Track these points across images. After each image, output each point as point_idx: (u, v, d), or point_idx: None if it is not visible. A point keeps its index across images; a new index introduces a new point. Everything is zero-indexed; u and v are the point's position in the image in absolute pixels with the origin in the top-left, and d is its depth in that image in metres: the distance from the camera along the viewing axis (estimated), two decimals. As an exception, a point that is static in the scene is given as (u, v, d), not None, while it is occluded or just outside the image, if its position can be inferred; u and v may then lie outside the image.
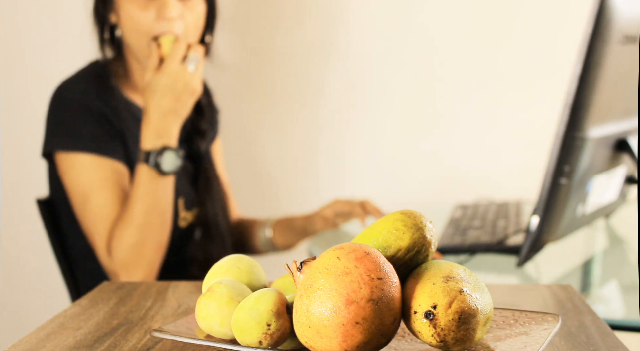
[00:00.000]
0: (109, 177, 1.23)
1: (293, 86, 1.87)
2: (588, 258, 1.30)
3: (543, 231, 1.06)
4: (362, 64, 1.84)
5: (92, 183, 1.22)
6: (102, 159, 1.23)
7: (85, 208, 1.22)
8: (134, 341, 0.66)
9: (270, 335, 0.57)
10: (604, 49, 1.00)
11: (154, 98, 1.20)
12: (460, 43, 1.82)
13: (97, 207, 1.22)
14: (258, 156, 1.87)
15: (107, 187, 1.23)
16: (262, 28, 1.82)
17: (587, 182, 1.13)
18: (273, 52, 1.86)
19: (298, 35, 1.84)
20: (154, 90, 1.20)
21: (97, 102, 1.25)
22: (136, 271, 1.21)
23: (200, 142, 1.41)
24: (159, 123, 1.21)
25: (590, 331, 0.66)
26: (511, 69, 1.81)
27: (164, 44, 1.23)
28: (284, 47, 1.85)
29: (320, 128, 1.87)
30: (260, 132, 1.88)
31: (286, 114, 1.87)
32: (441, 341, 0.54)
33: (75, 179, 1.23)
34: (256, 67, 1.87)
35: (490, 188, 1.77)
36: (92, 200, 1.22)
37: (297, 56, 1.85)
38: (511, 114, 1.82)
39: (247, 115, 1.87)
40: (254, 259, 0.69)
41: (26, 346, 0.65)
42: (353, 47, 1.84)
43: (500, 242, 1.19)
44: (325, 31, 1.84)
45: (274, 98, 1.88)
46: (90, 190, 1.22)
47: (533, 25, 1.79)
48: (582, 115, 1.02)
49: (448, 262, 0.58)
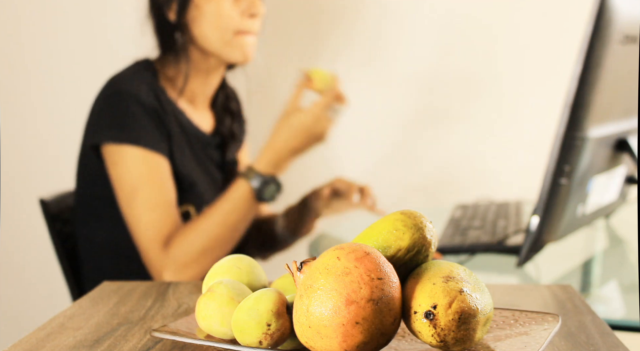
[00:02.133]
0: (158, 171, 1.23)
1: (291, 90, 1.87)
2: (588, 258, 1.30)
3: (543, 231, 1.06)
4: (362, 63, 1.84)
5: (142, 176, 1.22)
6: (152, 154, 1.23)
7: (134, 201, 1.22)
8: (134, 341, 0.66)
9: (270, 335, 0.57)
10: (604, 49, 1.00)
11: (289, 132, 1.22)
12: (460, 43, 1.82)
13: (148, 201, 1.21)
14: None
15: (157, 181, 1.22)
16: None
17: (587, 182, 1.13)
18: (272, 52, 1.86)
19: (294, 32, 1.84)
20: (292, 125, 1.23)
21: (150, 98, 1.25)
22: (186, 274, 1.22)
23: (234, 147, 1.43)
24: (280, 155, 1.23)
25: (590, 331, 0.66)
26: (511, 69, 1.81)
27: (316, 78, 1.24)
28: (285, 46, 1.85)
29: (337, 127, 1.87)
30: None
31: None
32: (441, 341, 0.54)
33: (125, 172, 1.22)
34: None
35: (490, 188, 1.77)
36: (141, 194, 1.21)
37: (296, 55, 1.85)
38: (511, 114, 1.82)
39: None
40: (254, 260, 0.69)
41: (26, 346, 0.65)
42: (352, 48, 1.84)
43: (500, 242, 1.19)
44: (322, 31, 1.84)
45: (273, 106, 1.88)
46: (140, 183, 1.21)
47: (533, 25, 1.79)
48: (582, 115, 1.02)
49: (448, 262, 0.58)
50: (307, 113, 1.22)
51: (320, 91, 1.24)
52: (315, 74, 1.24)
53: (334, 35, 1.84)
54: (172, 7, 1.27)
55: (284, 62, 1.85)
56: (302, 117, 1.22)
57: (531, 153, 1.74)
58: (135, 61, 1.33)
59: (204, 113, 1.39)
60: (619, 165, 1.26)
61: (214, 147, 1.39)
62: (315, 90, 1.24)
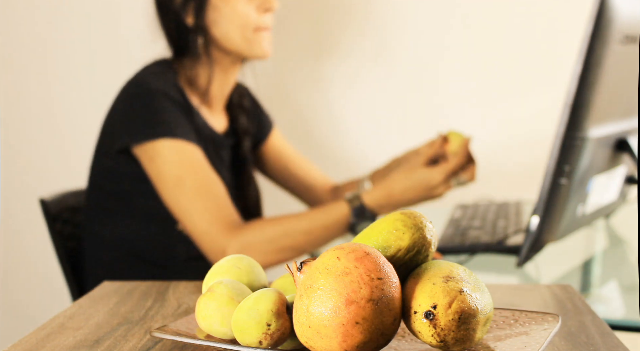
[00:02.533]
0: (198, 159, 1.23)
1: (302, 86, 1.87)
2: (588, 258, 1.30)
3: (543, 231, 1.06)
4: (362, 63, 1.84)
5: (184, 166, 1.22)
6: (187, 143, 1.23)
7: (181, 190, 1.21)
8: (134, 341, 0.66)
9: (270, 335, 0.57)
10: (604, 49, 1.00)
11: (410, 184, 1.23)
12: (460, 43, 1.82)
13: (197, 188, 1.21)
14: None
15: (200, 169, 1.22)
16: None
17: (587, 182, 1.13)
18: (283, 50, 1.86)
19: (303, 33, 1.84)
20: (415, 180, 1.23)
21: (176, 94, 1.26)
22: (249, 255, 1.21)
23: (247, 141, 1.44)
24: (392, 200, 1.23)
25: (590, 331, 0.66)
26: (511, 69, 1.81)
27: (453, 140, 1.25)
28: (295, 46, 1.85)
29: (320, 127, 1.87)
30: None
31: (291, 113, 1.88)
32: (441, 341, 0.54)
33: (166, 165, 1.22)
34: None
35: (490, 188, 1.77)
36: (187, 182, 1.21)
37: (302, 55, 1.85)
38: (511, 114, 1.82)
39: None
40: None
41: (26, 346, 0.65)
42: (353, 49, 1.84)
43: (500, 242, 1.19)
44: (330, 27, 1.84)
45: (282, 99, 1.88)
46: (183, 173, 1.21)
47: (533, 25, 1.79)
48: (582, 115, 1.02)
49: (448, 262, 0.58)
50: (434, 175, 1.23)
51: (454, 154, 1.26)
52: (452, 136, 1.27)
53: (342, 32, 1.84)
54: (189, 12, 1.28)
55: (290, 58, 1.85)
56: (429, 176, 1.23)
57: (531, 153, 1.74)
58: (155, 61, 1.33)
59: (219, 114, 1.40)
60: (619, 165, 1.26)
61: (227, 148, 1.39)
62: (449, 152, 1.27)
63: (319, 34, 1.85)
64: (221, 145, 1.37)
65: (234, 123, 1.42)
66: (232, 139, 1.41)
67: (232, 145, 1.42)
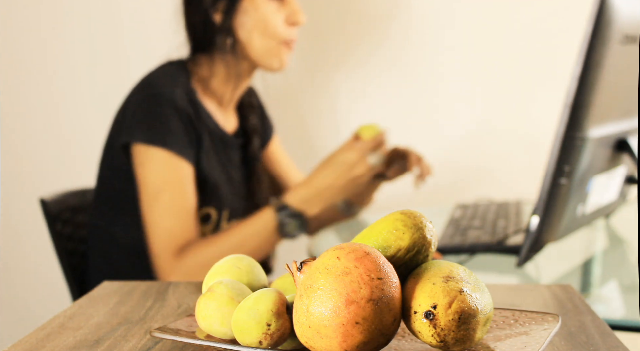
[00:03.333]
0: (182, 177, 1.24)
1: (308, 94, 1.87)
2: (588, 258, 1.30)
3: (543, 231, 1.06)
4: (363, 63, 1.84)
5: (167, 180, 1.23)
6: (179, 159, 1.24)
7: (155, 204, 1.23)
8: (134, 341, 0.66)
9: (270, 335, 0.57)
10: (604, 49, 1.00)
11: (327, 168, 1.24)
12: (460, 43, 1.82)
13: (169, 206, 1.22)
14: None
15: (180, 187, 1.23)
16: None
17: (587, 182, 1.13)
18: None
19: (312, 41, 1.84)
20: (331, 161, 1.24)
21: (184, 102, 1.26)
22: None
23: (257, 140, 1.44)
24: (315, 191, 1.23)
25: (590, 331, 0.66)
26: (511, 69, 1.81)
27: (364, 133, 1.26)
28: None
29: (320, 127, 1.87)
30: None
31: (296, 120, 1.88)
32: (441, 341, 0.54)
33: (150, 173, 1.23)
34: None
35: (490, 188, 1.77)
36: (164, 197, 1.22)
37: (310, 59, 1.86)
38: (511, 114, 1.82)
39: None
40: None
41: (26, 346, 0.65)
42: (361, 60, 1.84)
43: (500, 242, 1.19)
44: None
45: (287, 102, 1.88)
46: (164, 186, 1.22)
47: (533, 25, 1.79)
48: (582, 115, 1.02)
49: (448, 262, 0.58)
50: (348, 152, 1.23)
51: (364, 138, 1.27)
52: (363, 129, 1.28)
53: (351, 42, 1.84)
54: (219, 9, 1.27)
55: (299, 66, 1.86)
56: (342, 154, 1.23)
57: (531, 153, 1.74)
58: (169, 61, 1.34)
59: (229, 114, 1.40)
60: (619, 165, 1.26)
61: (236, 148, 1.39)
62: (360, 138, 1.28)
63: (328, 44, 1.85)
64: (231, 145, 1.37)
65: (243, 123, 1.43)
66: (241, 139, 1.41)
67: (242, 145, 1.42)
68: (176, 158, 1.23)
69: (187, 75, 1.30)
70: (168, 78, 1.28)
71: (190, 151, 1.26)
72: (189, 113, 1.25)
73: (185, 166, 1.24)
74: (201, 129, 1.28)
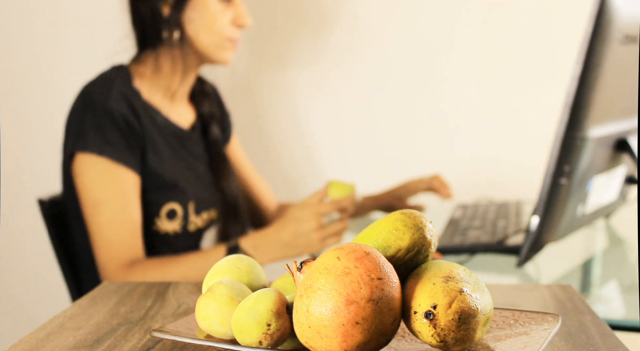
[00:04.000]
0: (122, 186, 1.23)
1: (299, 90, 1.87)
2: (588, 258, 1.30)
3: (543, 231, 1.06)
4: (363, 63, 1.84)
5: (106, 190, 1.22)
6: (118, 167, 1.23)
7: (96, 213, 1.22)
8: (134, 341, 0.66)
9: (270, 335, 0.57)
10: (604, 49, 1.00)
11: (281, 223, 1.24)
12: (460, 43, 1.82)
13: (111, 218, 1.22)
14: (263, 149, 1.87)
15: (121, 197, 1.23)
16: (263, 32, 1.82)
17: (587, 182, 1.13)
18: (278, 55, 1.86)
19: (300, 37, 1.84)
20: (286, 218, 1.24)
21: (121, 107, 1.25)
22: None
23: (215, 126, 1.45)
24: (265, 241, 1.23)
25: (590, 331, 0.66)
26: (511, 69, 1.81)
27: (332, 190, 1.27)
28: (293, 50, 1.85)
29: (320, 127, 1.88)
30: (267, 128, 1.88)
31: (291, 115, 1.88)
32: (441, 341, 0.54)
33: (89, 183, 1.23)
34: (259, 67, 1.87)
35: (490, 188, 1.77)
36: (104, 208, 1.22)
37: (301, 56, 1.86)
38: (511, 114, 1.82)
39: (253, 112, 1.87)
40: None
41: (26, 346, 0.65)
42: (354, 45, 1.84)
43: (500, 242, 1.19)
44: (326, 31, 1.84)
45: (280, 97, 1.88)
46: (103, 197, 1.22)
47: (533, 25, 1.79)
48: (582, 115, 1.02)
49: (448, 262, 0.58)
50: (301, 208, 1.23)
51: (331, 198, 1.27)
52: (332, 186, 1.28)
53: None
54: (169, 2, 1.28)
55: (264, 60, 1.86)
56: (297, 210, 1.24)
57: (531, 153, 1.74)
58: (112, 66, 1.34)
59: (183, 108, 1.40)
60: (619, 165, 1.26)
61: (195, 141, 1.39)
62: (328, 195, 1.28)
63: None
64: (188, 139, 1.37)
65: (199, 111, 1.43)
66: (200, 130, 1.42)
67: (202, 136, 1.43)
68: (114, 165, 1.22)
69: (128, 77, 1.30)
70: (103, 83, 1.28)
71: (131, 157, 1.25)
72: (126, 118, 1.25)
73: (126, 173, 1.24)
74: (145, 130, 1.27)
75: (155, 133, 1.29)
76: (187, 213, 1.33)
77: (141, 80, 1.32)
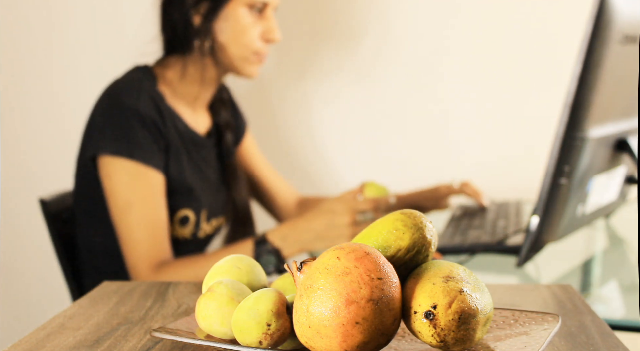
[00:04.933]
0: (152, 188, 1.23)
1: (304, 93, 1.87)
2: (588, 258, 1.30)
3: (543, 231, 1.06)
4: (364, 63, 1.84)
5: (136, 192, 1.22)
6: (147, 169, 1.23)
7: (126, 215, 1.22)
8: (134, 341, 0.66)
9: (270, 335, 0.57)
10: (604, 49, 1.00)
11: (313, 213, 1.23)
12: (461, 43, 1.82)
13: (141, 218, 1.22)
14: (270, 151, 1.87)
15: (151, 198, 1.23)
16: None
17: (587, 182, 1.13)
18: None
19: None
20: (319, 209, 1.23)
21: (150, 109, 1.25)
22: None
23: (229, 134, 1.45)
24: (297, 234, 1.22)
25: (590, 331, 0.66)
26: (511, 69, 1.81)
27: (368, 190, 1.28)
28: (296, 54, 1.85)
29: (321, 128, 1.88)
30: (274, 128, 1.89)
31: (295, 116, 1.88)
32: (441, 341, 0.54)
33: (119, 185, 1.22)
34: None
35: (490, 188, 1.77)
36: (134, 210, 1.22)
37: (304, 58, 1.86)
38: (511, 114, 1.82)
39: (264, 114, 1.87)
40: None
41: (26, 346, 0.65)
42: (357, 47, 1.84)
43: (500, 242, 1.19)
44: (329, 32, 1.84)
45: (286, 101, 1.88)
46: (133, 199, 1.22)
47: (533, 25, 1.79)
48: (582, 115, 1.02)
49: (448, 262, 0.58)
50: (336, 201, 1.22)
51: (365, 198, 1.28)
52: (368, 187, 1.29)
53: (327, 50, 1.85)
54: (200, 12, 1.28)
55: (284, 68, 1.86)
56: (332, 202, 1.22)
57: (531, 153, 1.74)
58: (136, 66, 1.33)
59: (201, 114, 1.40)
60: (619, 165, 1.26)
61: (209, 148, 1.39)
62: (365, 197, 1.29)
63: (304, 49, 1.85)
64: (203, 145, 1.37)
65: (215, 119, 1.43)
66: (214, 138, 1.42)
67: (216, 143, 1.43)
68: (144, 168, 1.23)
69: (153, 80, 1.30)
70: (132, 85, 1.27)
71: (158, 159, 1.25)
72: (154, 120, 1.25)
73: (154, 175, 1.24)
74: (169, 134, 1.28)
75: (176, 138, 1.29)
76: (199, 220, 1.33)
77: (165, 83, 1.32)
